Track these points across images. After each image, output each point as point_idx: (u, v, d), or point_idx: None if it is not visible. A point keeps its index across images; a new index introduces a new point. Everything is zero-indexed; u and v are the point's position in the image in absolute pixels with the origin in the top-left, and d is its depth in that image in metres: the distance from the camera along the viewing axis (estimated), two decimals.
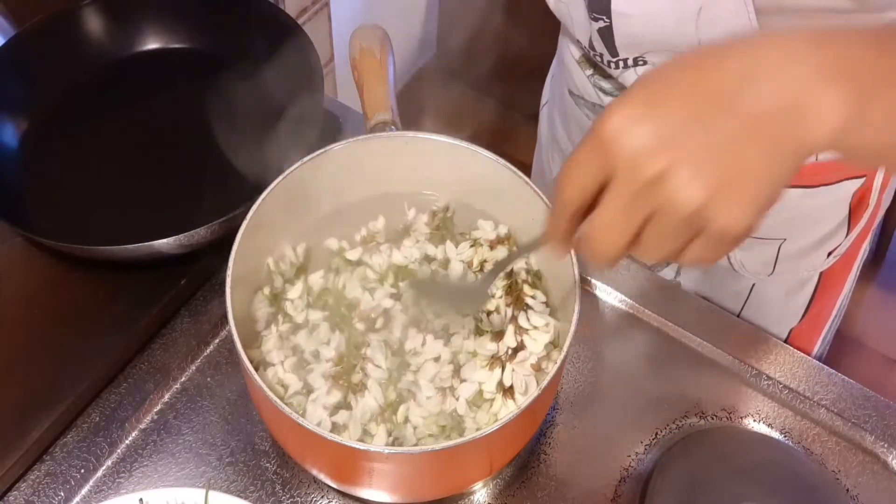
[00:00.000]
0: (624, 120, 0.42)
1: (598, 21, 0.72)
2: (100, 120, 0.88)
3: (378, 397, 0.64)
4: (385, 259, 0.71)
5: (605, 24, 0.72)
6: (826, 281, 0.90)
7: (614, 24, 0.71)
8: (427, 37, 2.16)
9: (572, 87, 0.87)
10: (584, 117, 0.86)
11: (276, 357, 0.66)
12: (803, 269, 0.89)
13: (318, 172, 0.70)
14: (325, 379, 0.65)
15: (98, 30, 0.91)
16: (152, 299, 0.76)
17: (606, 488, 0.71)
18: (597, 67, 0.82)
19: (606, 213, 0.44)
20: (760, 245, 0.85)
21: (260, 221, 0.67)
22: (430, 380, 0.65)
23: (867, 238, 0.91)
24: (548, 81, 1.02)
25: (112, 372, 0.74)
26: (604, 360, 0.78)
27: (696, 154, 0.41)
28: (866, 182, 0.82)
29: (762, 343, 0.80)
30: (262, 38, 0.90)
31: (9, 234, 0.78)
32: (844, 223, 0.85)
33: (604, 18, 0.71)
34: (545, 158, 1.03)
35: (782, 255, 0.86)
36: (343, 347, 0.66)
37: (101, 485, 0.70)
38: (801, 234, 0.84)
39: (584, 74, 0.83)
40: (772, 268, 0.87)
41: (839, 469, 0.73)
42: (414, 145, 0.72)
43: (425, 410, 0.64)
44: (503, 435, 0.59)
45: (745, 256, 0.86)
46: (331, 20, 1.65)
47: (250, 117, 0.88)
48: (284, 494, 0.70)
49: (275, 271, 0.71)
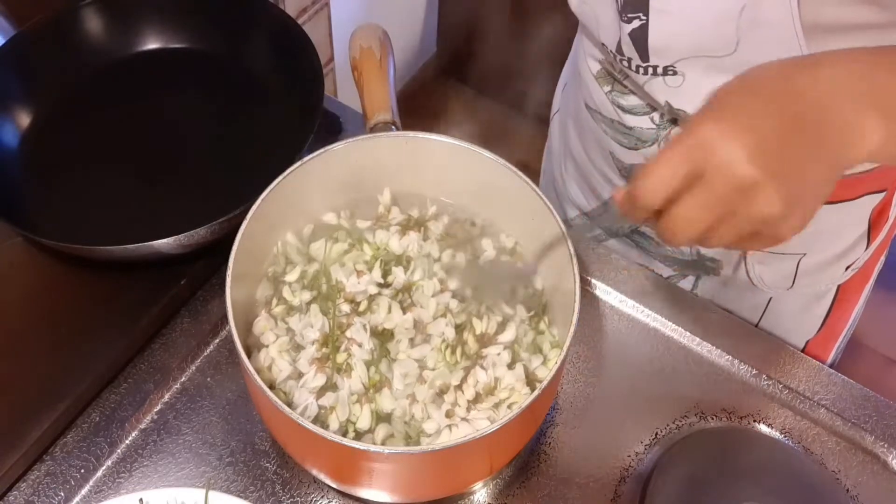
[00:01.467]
0: (720, 130, 0.48)
1: (633, 21, 0.71)
2: (100, 120, 0.88)
3: (363, 376, 0.64)
4: (384, 238, 0.72)
5: (641, 22, 0.70)
6: (843, 294, 0.90)
7: (651, 23, 0.70)
8: (427, 37, 2.16)
9: (589, 102, 0.86)
10: (602, 132, 0.85)
11: (269, 338, 0.67)
12: (822, 283, 0.88)
13: (318, 172, 0.70)
14: (310, 363, 0.65)
15: (98, 30, 0.91)
16: (152, 299, 0.76)
17: (606, 488, 0.71)
18: (615, 83, 0.81)
19: (693, 204, 0.50)
20: (780, 260, 0.85)
21: (260, 221, 0.67)
22: (403, 374, 0.66)
23: (885, 250, 0.90)
24: (558, 90, 1.01)
25: (112, 372, 0.74)
26: (604, 360, 0.78)
27: (779, 171, 0.48)
28: (886, 196, 0.82)
29: (762, 343, 0.80)
30: (262, 38, 0.90)
31: (9, 234, 0.78)
32: (864, 237, 0.85)
33: (640, 16, 0.70)
34: (557, 167, 1.02)
35: (802, 269, 0.85)
36: (327, 329, 0.67)
37: (101, 485, 0.70)
38: (821, 248, 0.84)
39: (603, 91, 0.82)
40: (791, 282, 0.87)
41: (839, 469, 0.73)
42: (414, 145, 0.72)
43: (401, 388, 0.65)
44: (503, 435, 0.59)
45: (765, 270, 0.86)
46: (331, 20, 1.65)
47: (250, 117, 0.89)
48: (284, 494, 0.70)
49: (279, 253, 0.71)
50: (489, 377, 0.65)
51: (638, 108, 0.80)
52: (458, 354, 0.66)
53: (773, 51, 0.66)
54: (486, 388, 0.65)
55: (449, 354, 0.66)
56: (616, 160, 0.86)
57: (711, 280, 0.91)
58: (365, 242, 0.72)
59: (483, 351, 0.67)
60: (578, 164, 0.95)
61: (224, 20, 0.92)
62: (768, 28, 0.65)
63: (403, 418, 0.64)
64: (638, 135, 0.81)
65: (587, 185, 0.95)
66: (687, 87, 0.73)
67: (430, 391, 0.65)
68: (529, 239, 0.72)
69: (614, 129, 0.83)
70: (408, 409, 0.64)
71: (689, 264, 0.90)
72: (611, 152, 0.86)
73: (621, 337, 0.80)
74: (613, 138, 0.84)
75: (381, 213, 0.75)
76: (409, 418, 0.64)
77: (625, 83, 0.80)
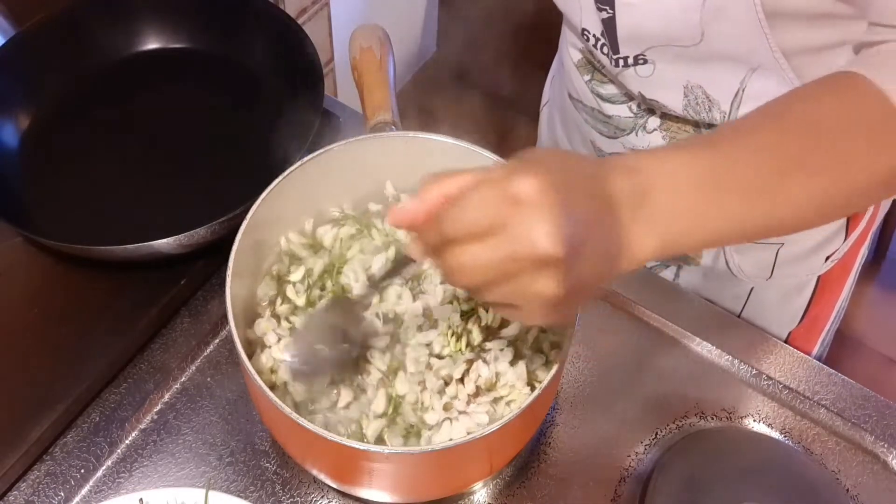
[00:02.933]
0: (541, 196, 0.46)
1: (602, 12, 0.72)
2: (100, 120, 0.88)
3: (381, 364, 0.65)
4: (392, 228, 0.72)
5: (609, 14, 0.71)
6: (824, 285, 0.90)
7: (617, 15, 0.71)
8: (427, 37, 2.16)
9: (572, 91, 0.87)
10: (583, 122, 0.87)
11: (272, 339, 0.67)
12: (801, 274, 0.89)
13: (318, 172, 0.70)
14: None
15: (98, 30, 0.91)
16: (152, 299, 0.76)
17: (606, 488, 0.71)
18: (595, 72, 0.82)
19: (488, 256, 0.47)
20: (759, 249, 0.85)
21: (260, 221, 0.67)
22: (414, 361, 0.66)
23: (865, 242, 0.91)
24: (548, 82, 1.02)
25: (112, 372, 0.74)
26: (604, 360, 0.78)
27: (575, 261, 0.47)
28: None
29: (762, 343, 0.80)
30: (262, 38, 0.90)
31: (9, 234, 0.78)
32: (842, 228, 0.85)
33: (607, 9, 0.71)
34: None
35: (780, 259, 0.86)
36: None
37: (101, 485, 0.70)
38: (798, 238, 0.84)
39: (583, 79, 0.83)
40: (770, 272, 0.87)
41: (839, 469, 0.73)
42: (414, 145, 0.72)
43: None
44: (503, 435, 0.59)
45: (743, 260, 0.86)
46: (331, 20, 1.65)
47: (250, 117, 0.89)
48: (284, 494, 0.70)
49: (285, 251, 0.71)
50: (490, 371, 0.65)
51: (616, 97, 0.81)
52: (462, 343, 0.66)
53: (738, 39, 0.67)
54: (487, 383, 0.65)
55: (454, 342, 0.66)
56: (596, 149, 0.87)
57: (692, 270, 0.91)
58: (374, 228, 0.73)
59: (487, 344, 0.67)
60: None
61: (224, 20, 0.92)
62: (733, 17, 0.65)
63: (415, 404, 0.65)
64: (617, 123, 0.82)
65: None
66: (657, 76, 0.74)
67: (437, 381, 0.65)
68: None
69: (594, 117, 0.84)
70: (419, 395, 0.65)
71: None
72: (591, 141, 0.87)
73: (621, 337, 0.80)
74: (594, 127, 0.85)
75: (390, 203, 0.75)
76: (419, 405, 0.64)
77: (602, 72, 0.80)
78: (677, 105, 0.76)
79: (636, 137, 0.82)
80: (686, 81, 0.74)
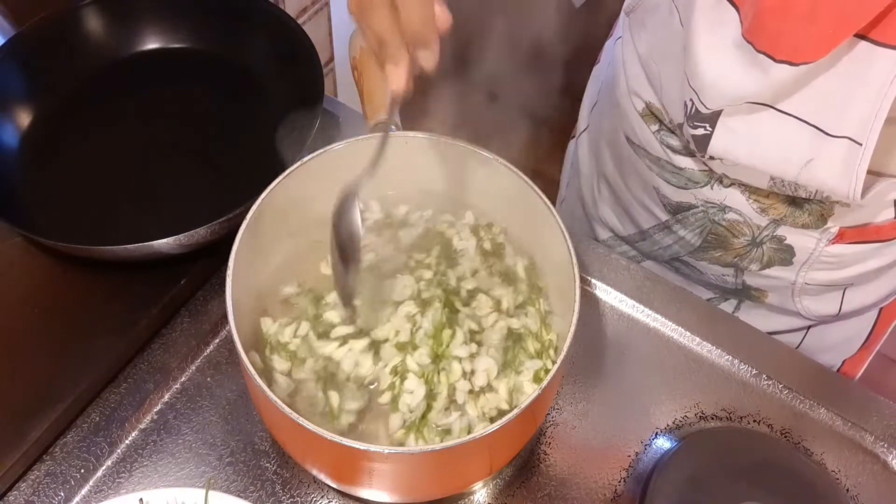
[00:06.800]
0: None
1: (697, 129, 0.70)
2: (100, 120, 0.88)
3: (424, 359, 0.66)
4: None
5: (706, 132, 0.69)
6: (885, 316, 0.90)
7: (715, 135, 0.69)
8: None
9: (631, 136, 0.83)
10: (646, 168, 0.82)
11: (287, 334, 0.68)
12: (866, 310, 0.88)
13: (318, 172, 0.70)
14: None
15: (98, 30, 0.91)
16: (152, 299, 0.76)
17: (606, 488, 0.71)
18: (663, 124, 0.79)
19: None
20: (828, 292, 0.84)
21: (260, 221, 0.67)
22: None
23: None
24: (585, 109, 0.99)
25: (112, 372, 0.74)
26: (604, 360, 0.78)
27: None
28: None
29: (762, 343, 0.80)
30: (262, 38, 0.90)
31: (9, 234, 0.78)
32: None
33: (705, 126, 0.69)
34: (588, 188, 0.99)
35: (847, 298, 0.85)
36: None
37: (101, 485, 0.70)
38: (867, 278, 0.83)
39: (649, 129, 0.80)
40: (837, 312, 0.86)
41: (839, 469, 0.73)
42: (414, 145, 0.72)
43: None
44: (503, 435, 0.59)
45: (812, 301, 0.85)
46: (331, 20, 1.65)
47: (250, 117, 0.88)
48: (284, 494, 0.70)
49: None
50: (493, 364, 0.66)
51: (687, 151, 0.78)
52: (472, 307, 0.68)
53: (832, 181, 0.66)
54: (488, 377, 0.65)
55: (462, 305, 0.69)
56: (661, 196, 0.83)
57: (753, 307, 0.89)
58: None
59: (494, 326, 0.68)
60: (614, 190, 0.92)
61: (224, 20, 0.92)
62: (832, 175, 0.65)
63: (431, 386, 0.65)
64: (689, 176, 0.78)
65: (623, 210, 0.92)
66: (744, 168, 0.72)
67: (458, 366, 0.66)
68: (530, 238, 0.72)
69: (661, 167, 0.81)
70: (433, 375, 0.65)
71: (732, 291, 0.89)
72: (655, 188, 0.83)
73: (621, 337, 0.80)
74: (660, 175, 0.81)
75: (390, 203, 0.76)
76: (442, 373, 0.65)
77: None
78: (763, 184, 0.74)
79: (711, 191, 0.78)
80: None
